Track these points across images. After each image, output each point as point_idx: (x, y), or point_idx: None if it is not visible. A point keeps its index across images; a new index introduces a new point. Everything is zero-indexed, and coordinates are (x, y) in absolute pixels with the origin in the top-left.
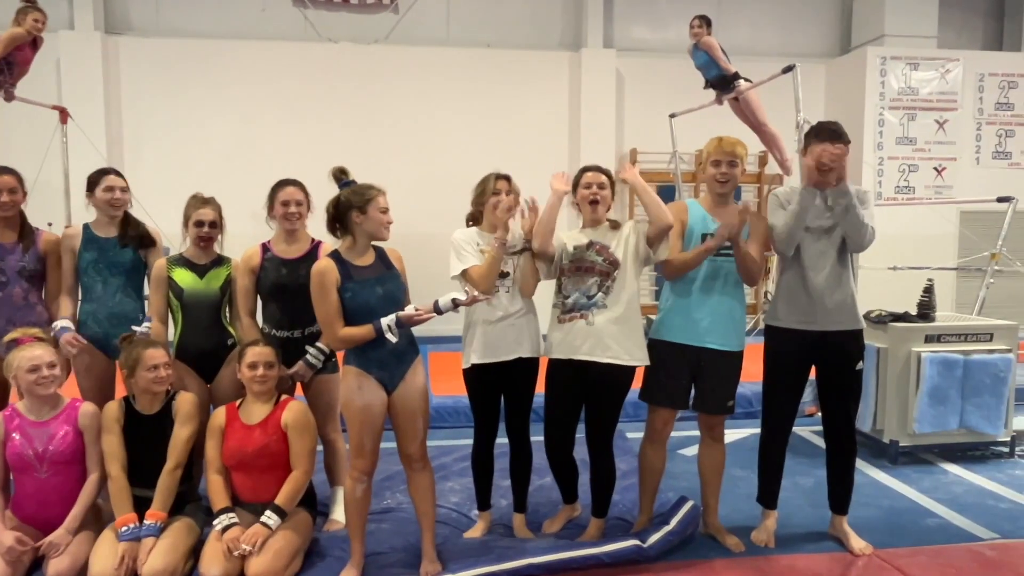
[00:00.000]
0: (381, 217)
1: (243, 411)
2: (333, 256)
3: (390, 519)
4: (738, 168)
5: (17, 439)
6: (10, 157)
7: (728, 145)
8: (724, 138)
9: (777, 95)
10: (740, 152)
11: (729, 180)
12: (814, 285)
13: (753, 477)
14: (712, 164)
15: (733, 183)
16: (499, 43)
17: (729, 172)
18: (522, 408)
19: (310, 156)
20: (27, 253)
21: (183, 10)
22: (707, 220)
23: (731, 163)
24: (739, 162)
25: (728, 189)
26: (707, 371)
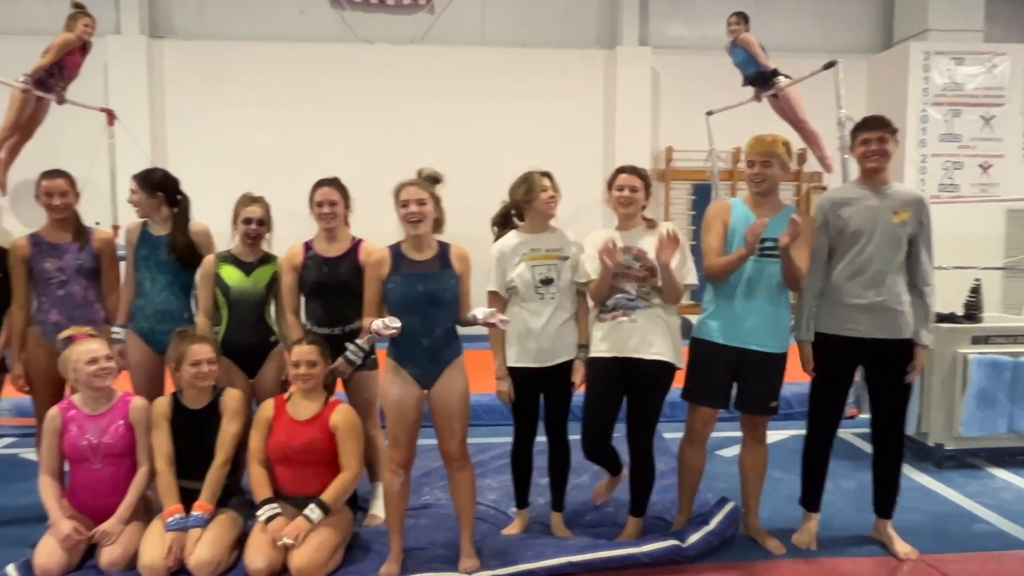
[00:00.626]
0: (401, 211)
1: (291, 406)
2: (392, 247)
3: (428, 515)
4: (773, 168)
5: (73, 431)
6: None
7: (763, 145)
8: (761, 137)
9: (817, 92)
10: (776, 151)
11: (765, 180)
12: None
13: (794, 479)
14: (748, 164)
15: (770, 183)
16: (534, 42)
17: (763, 172)
18: (561, 408)
19: (347, 155)
20: (82, 251)
21: (224, 13)
22: (750, 219)
23: (765, 163)
24: (775, 161)
25: (764, 189)
26: (749, 372)
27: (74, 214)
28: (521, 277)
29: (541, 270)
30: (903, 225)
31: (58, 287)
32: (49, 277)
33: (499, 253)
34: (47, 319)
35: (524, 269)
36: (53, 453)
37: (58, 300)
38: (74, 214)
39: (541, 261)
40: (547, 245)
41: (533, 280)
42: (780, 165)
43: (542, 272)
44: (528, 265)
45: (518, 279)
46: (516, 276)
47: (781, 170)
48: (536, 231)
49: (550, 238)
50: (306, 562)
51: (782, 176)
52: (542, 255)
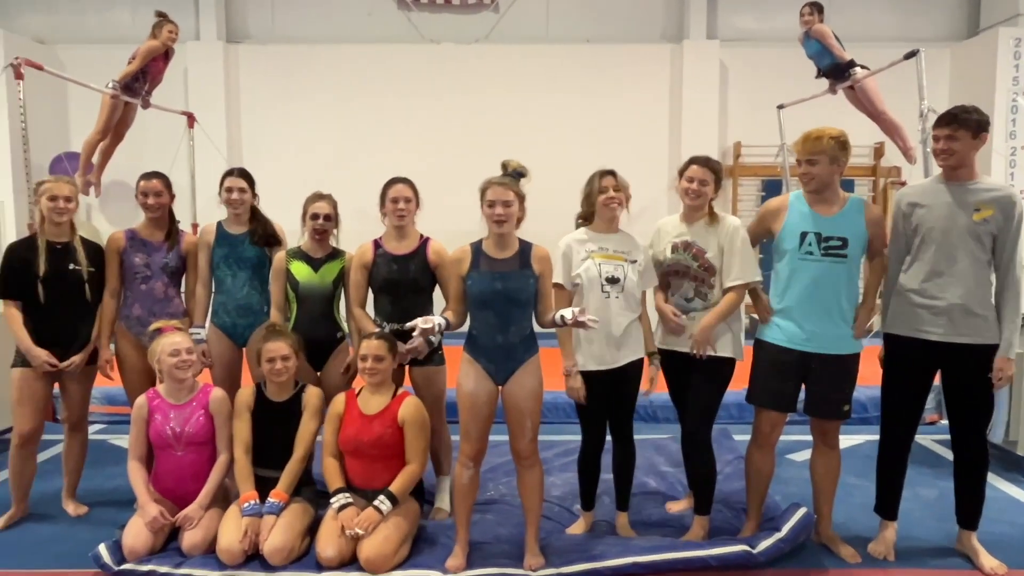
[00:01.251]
0: (487, 211)
1: (361, 400)
2: (474, 245)
3: (494, 510)
4: (819, 165)
5: (158, 419)
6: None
7: (807, 142)
8: (808, 134)
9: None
10: (822, 147)
11: (813, 179)
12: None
13: (869, 486)
14: (796, 163)
15: (817, 181)
16: (599, 38)
17: (808, 171)
18: (627, 409)
19: (413, 154)
20: (171, 252)
21: (295, 17)
22: (809, 217)
23: (809, 161)
24: (821, 159)
25: (814, 187)
26: (818, 374)
27: (168, 214)
28: (587, 272)
29: (608, 268)
30: (985, 223)
31: (142, 282)
32: (136, 272)
33: (565, 247)
34: (130, 313)
35: (591, 265)
36: (140, 439)
37: (140, 295)
38: (168, 214)
39: (608, 260)
40: (615, 246)
41: (599, 277)
42: (830, 160)
43: (608, 270)
44: (595, 262)
45: (584, 274)
46: (582, 271)
47: (832, 165)
48: (604, 231)
49: (618, 239)
50: (375, 553)
51: (834, 171)
52: (610, 255)
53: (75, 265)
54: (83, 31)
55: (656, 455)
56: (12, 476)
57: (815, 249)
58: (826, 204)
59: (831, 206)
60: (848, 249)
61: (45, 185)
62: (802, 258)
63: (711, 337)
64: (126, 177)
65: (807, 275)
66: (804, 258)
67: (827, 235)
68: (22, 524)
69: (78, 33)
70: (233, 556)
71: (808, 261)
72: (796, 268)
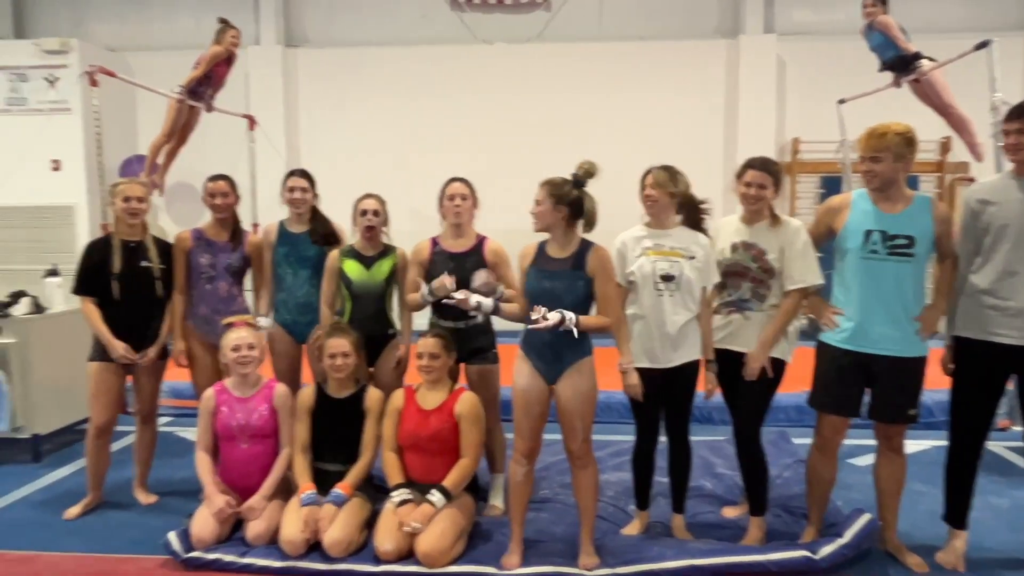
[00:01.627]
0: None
1: (419, 396)
2: (540, 243)
3: (549, 508)
4: (883, 163)
5: (224, 411)
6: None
7: (871, 138)
8: (872, 130)
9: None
10: (886, 144)
11: (876, 176)
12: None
13: (936, 493)
14: (859, 159)
15: (881, 179)
16: (652, 35)
17: (872, 168)
18: (683, 409)
19: (468, 154)
20: (235, 252)
21: (351, 21)
22: (873, 215)
23: (873, 159)
24: (885, 156)
25: (877, 184)
26: (883, 378)
27: (234, 215)
28: (641, 270)
29: (662, 265)
30: None
31: (207, 282)
32: (201, 272)
33: (620, 244)
34: (197, 312)
35: (645, 262)
36: (207, 431)
37: (205, 294)
38: (234, 215)
39: (664, 256)
40: (672, 242)
41: (653, 274)
42: (895, 158)
43: (663, 268)
44: (649, 259)
45: (637, 271)
46: (636, 268)
47: (897, 163)
48: (661, 227)
49: (677, 235)
50: (431, 547)
51: (898, 169)
52: (665, 251)
53: (146, 262)
54: (150, 39)
55: (713, 457)
56: (89, 465)
57: (880, 248)
58: (890, 202)
59: (896, 203)
60: (915, 248)
61: (119, 187)
62: (866, 257)
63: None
64: (190, 178)
65: (871, 275)
66: (868, 257)
67: (892, 233)
68: (97, 511)
69: (145, 41)
70: (295, 547)
71: (872, 260)
72: (860, 268)
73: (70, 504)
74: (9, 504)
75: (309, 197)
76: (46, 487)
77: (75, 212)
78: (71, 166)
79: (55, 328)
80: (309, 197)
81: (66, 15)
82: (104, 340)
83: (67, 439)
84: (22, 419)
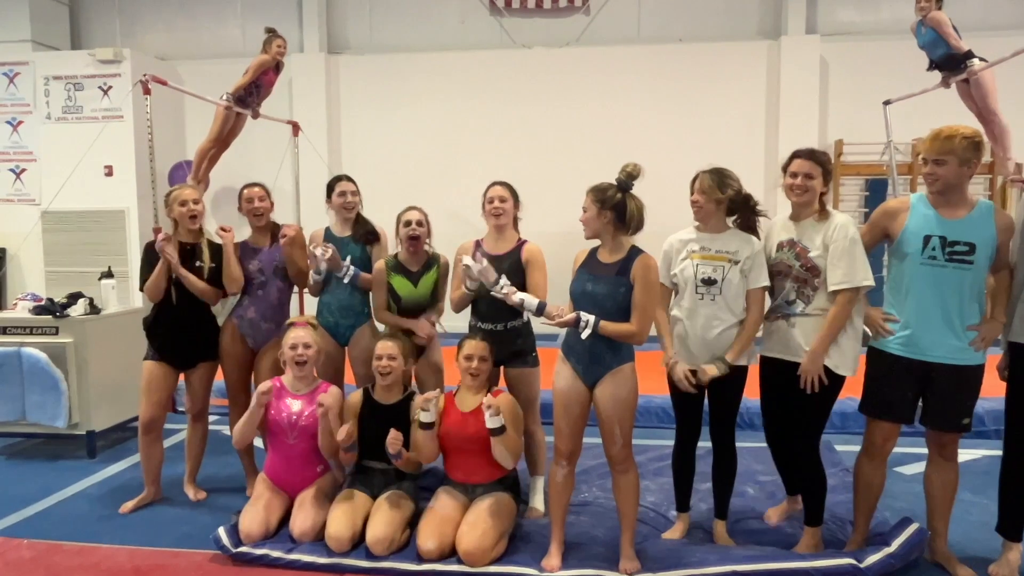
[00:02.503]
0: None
1: (458, 399)
2: (594, 247)
3: (589, 511)
4: (948, 166)
5: (277, 405)
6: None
7: (937, 140)
8: (937, 132)
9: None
10: (953, 146)
11: (938, 180)
12: None
13: (988, 503)
14: (922, 162)
15: (943, 182)
16: (692, 37)
17: (935, 171)
18: (727, 413)
19: (508, 158)
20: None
21: (392, 27)
22: (933, 220)
23: (937, 161)
24: (951, 159)
25: (938, 188)
26: (937, 385)
27: (271, 221)
28: (683, 273)
29: (705, 269)
30: None
31: (259, 287)
32: (251, 278)
33: (668, 245)
34: (244, 314)
35: (688, 265)
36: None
37: (256, 299)
38: (271, 221)
39: (707, 260)
40: (718, 246)
41: (695, 278)
42: (960, 162)
43: (705, 272)
44: (692, 263)
45: (680, 275)
46: (679, 271)
47: (961, 167)
48: (712, 230)
49: (726, 238)
50: (473, 546)
51: (963, 173)
52: (711, 255)
53: (200, 262)
54: (198, 48)
55: (755, 463)
56: (142, 460)
57: (939, 254)
58: (952, 207)
59: (957, 209)
60: (975, 255)
61: (174, 193)
62: (924, 263)
63: (821, 366)
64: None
65: (929, 281)
66: (927, 263)
67: (953, 239)
68: (151, 506)
69: (194, 50)
70: (340, 544)
71: (931, 266)
72: (917, 273)
73: (125, 499)
74: (67, 498)
75: (358, 200)
76: (101, 482)
77: (127, 216)
78: (123, 171)
79: (110, 328)
80: (358, 200)
81: (119, 26)
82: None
83: (121, 436)
84: (78, 416)
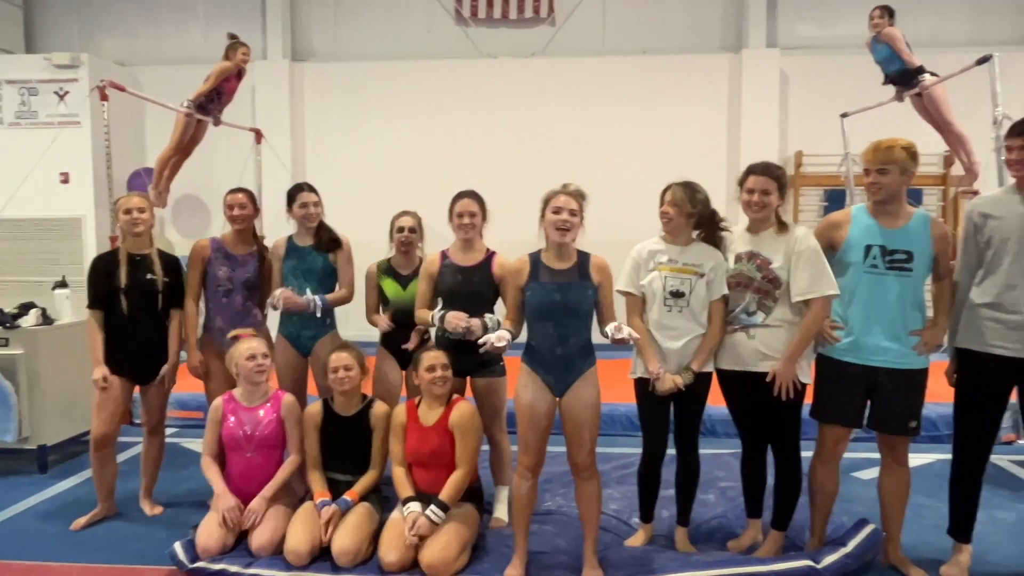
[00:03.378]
0: (552, 217)
1: (421, 412)
2: (532, 255)
3: (552, 521)
4: (890, 175)
5: (232, 421)
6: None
7: (878, 151)
8: (877, 143)
9: (969, 90)
10: (894, 156)
11: (881, 189)
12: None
13: (940, 506)
14: (864, 172)
15: (887, 191)
16: (655, 49)
17: (878, 180)
18: (692, 422)
19: (474, 167)
20: (253, 266)
21: (357, 35)
22: (874, 230)
23: (880, 171)
24: (892, 168)
25: (881, 197)
26: (885, 389)
27: (252, 229)
28: (651, 285)
29: (673, 282)
30: None
31: (223, 295)
32: (218, 284)
33: (636, 254)
34: (213, 325)
35: (656, 277)
36: (214, 440)
37: (222, 307)
38: (252, 229)
39: (676, 273)
40: (686, 258)
41: (663, 290)
42: (900, 171)
43: (673, 284)
44: (661, 275)
45: (648, 286)
46: (647, 282)
47: (902, 176)
48: (680, 243)
49: (693, 251)
50: (436, 558)
51: (903, 182)
52: (679, 267)
53: (151, 275)
54: (159, 53)
55: (717, 470)
56: (94, 476)
57: (880, 262)
58: (891, 217)
59: (896, 219)
60: (913, 263)
61: (119, 201)
62: (867, 271)
63: (794, 372)
64: (197, 191)
65: (872, 288)
66: (869, 271)
67: (892, 248)
68: (105, 522)
69: (155, 55)
70: (299, 557)
71: (873, 274)
72: (861, 281)
73: (77, 515)
74: (15, 515)
75: (321, 210)
76: (52, 497)
77: (83, 224)
78: (80, 179)
79: (63, 339)
80: (321, 210)
81: (76, 30)
82: (93, 358)
83: (74, 450)
84: (29, 429)
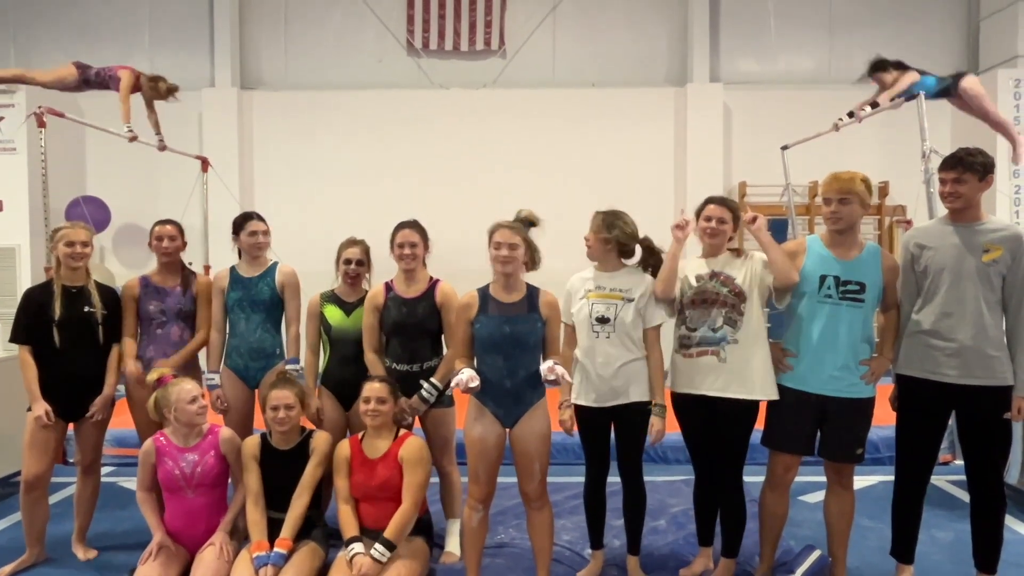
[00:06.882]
0: (492, 252)
1: (366, 445)
2: (481, 289)
3: (504, 554)
4: (851, 205)
5: (168, 463)
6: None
7: (839, 181)
8: (837, 174)
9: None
10: (854, 188)
11: (842, 218)
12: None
13: (884, 528)
14: (824, 202)
15: (847, 221)
16: (604, 81)
17: (840, 210)
18: (632, 449)
19: (423, 197)
20: (184, 295)
21: (308, 64)
22: (829, 260)
23: (842, 200)
24: (853, 199)
25: (841, 227)
26: (834, 417)
27: (179, 261)
28: (579, 313)
29: (599, 307)
30: (994, 264)
31: (158, 327)
32: (152, 318)
33: (570, 285)
34: (144, 355)
35: (584, 304)
36: (148, 476)
37: (156, 338)
38: (179, 261)
39: (602, 299)
40: (613, 284)
41: (590, 316)
42: (859, 202)
43: (600, 310)
44: (588, 302)
45: (576, 315)
46: (575, 311)
47: (860, 207)
48: (607, 269)
49: (621, 277)
50: None
51: (861, 213)
52: (605, 293)
53: (89, 308)
54: None
55: (669, 497)
56: (24, 520)
57: (834, 292)
58: (845, 247)
59: (850, 250)
60: (865, 294)
61: (62, 231)
62: (821, 301)
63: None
64: (139, 220)
65: (824, 318)
66: (823, 301)
67: (846, 279)
68: (33, 569)
69: None
70: None
71: (826, 304)
72: (814, 311)
73: (3, 562)
74: None
75: (270, 240)
76: None
77: (17, 254)
78: (15, 207)
79: None
80: (270, 240)
81: (13, 54)
82: (30, 397)
83: (1, 492)
84: None
